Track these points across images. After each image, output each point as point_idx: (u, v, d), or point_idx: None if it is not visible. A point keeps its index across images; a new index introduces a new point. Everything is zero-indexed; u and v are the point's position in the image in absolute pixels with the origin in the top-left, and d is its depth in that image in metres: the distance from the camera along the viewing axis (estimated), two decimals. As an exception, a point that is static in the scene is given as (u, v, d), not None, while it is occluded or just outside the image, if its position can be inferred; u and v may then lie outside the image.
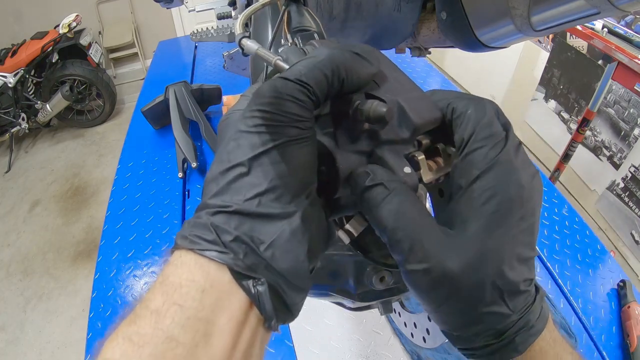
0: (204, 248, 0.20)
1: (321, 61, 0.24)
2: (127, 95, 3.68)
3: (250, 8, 0.39)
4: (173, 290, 0.19)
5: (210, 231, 0.21)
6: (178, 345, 0.18)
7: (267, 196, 0.21)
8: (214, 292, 0.20)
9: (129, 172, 1.18)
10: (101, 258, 0.93)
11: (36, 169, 3.01)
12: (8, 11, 3.23)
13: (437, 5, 0.58)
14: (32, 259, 2.32)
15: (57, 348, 1.88)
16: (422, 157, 0.27)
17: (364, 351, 0.73)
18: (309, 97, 0.23)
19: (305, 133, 0.22)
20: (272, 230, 0.21)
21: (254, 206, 0.21)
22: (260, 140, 0.21)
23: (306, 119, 0.23)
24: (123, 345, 0.18)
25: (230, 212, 0.21)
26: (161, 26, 3.69)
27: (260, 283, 0.21)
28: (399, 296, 0.36)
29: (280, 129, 0.22)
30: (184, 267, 0.20)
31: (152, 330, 0.18)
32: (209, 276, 0.20)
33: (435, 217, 0.27)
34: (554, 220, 0.97)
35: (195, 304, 0.19)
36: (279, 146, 0.21)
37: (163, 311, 0.19)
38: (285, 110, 0.22)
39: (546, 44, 2.33)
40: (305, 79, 0.23)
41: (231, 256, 0.20)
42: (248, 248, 0.21)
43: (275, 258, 0.21)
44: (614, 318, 0.78)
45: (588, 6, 0.37)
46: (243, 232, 0.21)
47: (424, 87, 1.45)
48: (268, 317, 0.21)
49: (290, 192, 0.22)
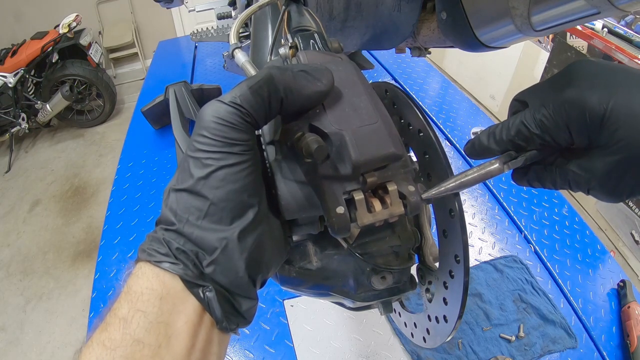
0: (159, 260, 0.23)
1: (258, 82, 0.24)
2: (127, 95, 3.68)
3: (244, 14, 0.39)
4: (136, 299, 0.22)
5: (163, 245, 0.23)
6: (144, 346, 0.21)
7: (208, 219, 0.23)
8: (170, 298, 0.22)
9: (129, 172, 1.18)
10: (101, 258, 0.93)
11: (36, 169, 3.01)
12: (8, 11, 3.24)
13: (437, 5, 0.57)
14: (32, 259, 2.32)
15: (57, 348, 1.88)
16: (360, 198, 0.25)
17: (364, 351, 0.73)
18: (244, 119, 0.23)
19: (241, 157, 0.23)
20: (211, 248, 0.23)
21: (195, 228, 0.23)
22: (201, 165, 0.23)
23: (242, 142, 0.23)
24: (97, 350, 0.21)
25: (178, 232, 0.23)
26: (161, 26, 3.69)
27: (209, 290, 0.23)
28: (399, 296, 0.36)
29: (213, 155, 0.23)
30: (144, 277, 0.23)
31: (121, 335, 0.21)
32: (165, 285, 0.22)
33: None
34: (554, 220, 0.97)
35: (155, 309, 0.22)
36: (214, 172, 0.23)
37: (129, 318, 0.21)
38: (220, 134, 0.23)
39: (546, 44, 2.33)
40: (239, 101, 0.23)
41: (181, 267, 0.23)
42: (195, 261, 0.23)
43: (216, 273, 0.23)
44: (614, 318, 0.78)
45: (588, 6, 0.37)
46: (188, 248, 0.23)
47: (423, 87, 1.44)
48: (219, 319, 0.23)
49: (229, 215, 0.23)
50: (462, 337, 0.74)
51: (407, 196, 0.26)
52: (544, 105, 0.28)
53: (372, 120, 0.26)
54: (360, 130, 0.25)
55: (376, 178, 0.26)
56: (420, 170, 0.37)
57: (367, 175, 0.25)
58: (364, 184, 0.26)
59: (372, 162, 0.25)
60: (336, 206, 0.25)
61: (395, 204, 0.26)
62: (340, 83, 0.28)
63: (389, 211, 0.26)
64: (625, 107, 0.25)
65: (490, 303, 0.79)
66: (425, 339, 0.42)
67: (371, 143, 0.25)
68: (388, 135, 0.26)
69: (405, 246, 0.34)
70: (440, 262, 0.37)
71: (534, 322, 0.75)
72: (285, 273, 0.35)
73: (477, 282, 0.82)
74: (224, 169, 0.23)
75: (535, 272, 0.85)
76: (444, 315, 0.37)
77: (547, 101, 0.28)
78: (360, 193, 0.25)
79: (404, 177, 0.27)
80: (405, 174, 0.27)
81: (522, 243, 0.92)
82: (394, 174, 0.26)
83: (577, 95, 0.26)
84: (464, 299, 0.33)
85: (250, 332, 0.76)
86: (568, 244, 0.92)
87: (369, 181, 0.25)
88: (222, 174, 0.23)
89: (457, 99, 1.43)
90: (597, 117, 0.25)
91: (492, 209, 1.00)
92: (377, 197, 0.26)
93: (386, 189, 0.26)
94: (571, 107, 0.26)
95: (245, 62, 0.32)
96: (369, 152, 0.25)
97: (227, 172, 0.23)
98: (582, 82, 0.27)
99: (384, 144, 0.25)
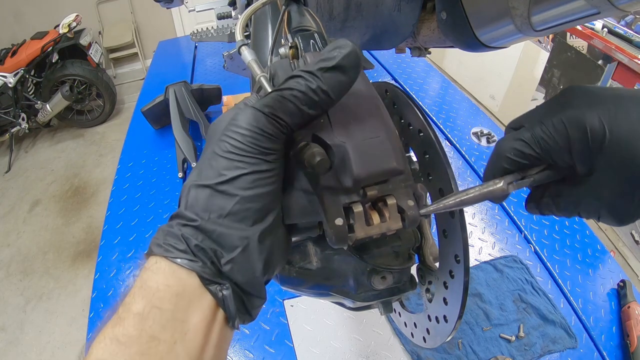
0: (176, 256, 0.23)
1: (293, 93, 0.24)
2: (127, 95, 3.68)
3: (249, 10, 0.39)
4: (152, 295, 0.22)
5: (181, 241, 0.23)
6: (160, 343, 0.21)
7: (230, 218, 0.23)
8: (187, 295, 0.23)
9: (129, 172, 1.18)
10: (101, 258, 0.93)
11: (36, 169, 3.01)
12: (8, 11, 3.23)
13: (437, 5, 0.57)
14: (32, 259, 2.32)
15: (57, 348, 1.88)
16: (359, 210, 0.25)
17: (364, 351, 0.73)
18: (280, 130, 0.24)
19: (272, 165, 0.24)
20: (231, 247, 0.23)
21: (218, 225, 0.23)
22: (232, 167, 0.23)
23: (274, 152, 0.24)
24: (111, 346, 0.21)
25: (198, 228, 0.23)
26: (161, 26, 3.69)
27: (225, 288, 0.23)
28: (399, 296, 0.36)
29: (247, 159, 0.23)
30: (160, 273, 0.23)
31: (137, 331, 0.21)
32: (181, 281, 0.23)
33: None
34: (554, 220, 0.97)
35: (171, 306, 0.22)
36: (245, 175, 0.23)
37: (145, 314, 0.21)
38: (256, 143, 0.23)
39: (546, 44, 2.33)
40: (280, 115, 0.23)
41: (199, 264, 0.23)
42: (213, 258, 0.23)
43: (233, 272, 0.24)
44: (614, 318, 0.78)
45: (588, 6, 0.37)
46: (207, 245, 0.23)
47: (423, 87, 1.44)
48: (232, 317, 0.24)
49: (252, 216, 0.24)
50: (462, 337, 0.74)
51: (406, 210, 0.26)
52: (544, 123, 0.27)
53: (376, 134, 0.26)
54: (364, 143, 0.25)
55: (376, 192, 0.26)
56: (420, 170, 0.37)
57: (368, 188, 0.26)
58: (364, 197, 0.26)
59: (374, 177, 0.25)
60: (335, 217, 0.25)
61: (394, 218, 0.26)
62: None
63: (387, 225, 0.26)
64: (626, 125, 0.24)
65: (490, 303, 0.79)
66: (425, 339, 0.42)
67: (374, 157, 0.25)
68: (391, 150, 0.26)
69: (405, 246, 0.34)
70: (440, 262, 0.37)
71: (534, 322, 0.75)
72: (285, 273, 0.35)
73: (477, 282, 0.82)
74: (255, 173, 0.23)
75: (535, 272, 0.85)
76: (444, 315, 0.37)
77: (547, 120, 0.27)
78: (359, 206, 0.26)
79: (404, 192, 0.27)
80: (406, 188, 0.27)
81: (522, 243, 0.92)
82: (395, 188, 0.26)
83: (577, 114, 0.26)
84: (464, 299, 0.33)
85: (250, 332, 0.76)
86: (568, 244, 0.92)
87: (369, 194, 0.26)
88: (252, 178, 0.23)
89: (457, 99, 1.43)
90: (599, 136, 0.25)
91: (492, 209, 1.00)
92: (376, 210, 0.27)
93: (386, 202, 0.26)
94: (571, 125, 0.26)
95: (252, 60, 0.32)
96: (370, 167, 0.25)
97: (258, 177, 0.23)
98: (581, 102, 0.27)
99: (386, 158, 0.25)
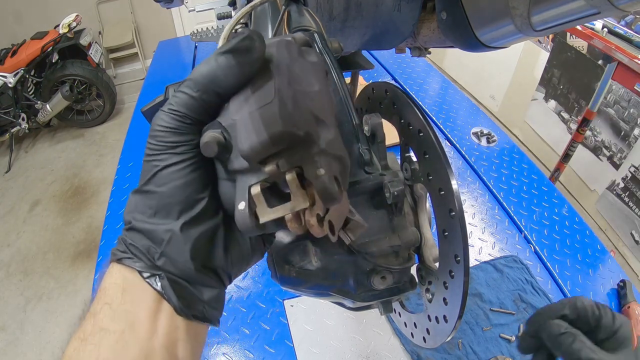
0: (119, 257, 0.26)
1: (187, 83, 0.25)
2: (127, 95, 3.68)
3: (236, 17, 0.38)
4: (104, 294, 0.25)
5: (121, 243, 0.26)
6: (109, 333, 0.24)
7: (159, 215, 0.25)
8: (131, 290, 0.25)
9: (129, 172, 1.18)
10: (101, 258, 0.93)
11: (36, 169, 3.01)
12: (8, 11, 3.23)
13: (437, 5, 0.58)
14: (32, 259, 2.32)
15: (57, 348, 1.88)
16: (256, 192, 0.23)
17: (364, 351, 0.73)
18: (183, 122, 0.25)
19: (183, 156, 0.25)
20: (160, 241, 0.26)
21: (147, 224, 0.26)
22: (149, 167, 0.26)
23: (185, 143, 0.25)
24: (74, 343, 0.24)
25: (133, 229, 0.26)
26: (161, 26, 3.69)
27: (161, 278, 0.25)
28: (399, 296, 0.36)
29: (159, 157, 0.25)
30: (111, 274, 0.26)
31: (91, 327, 0.24)
32: (126, 279, 0.25)
33: None
34: (554, 220, 0.97)
35: (118, 300, 0.25)
36: (160, 171, 0.25)
37: (97, 311, 0.25)
38: (163, 140, 0.25)
39: (546, 44, 2.33)
40: (176, 107, 0.25)
41: (137, 262, 0.26)
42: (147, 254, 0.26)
43: (167, 264, 0.26)
44: (614, 318, 0.78)
45: (588, 6, 0.37)
46: (142, 244, 0.26)
47: (423, 87, 1.44)
48: (176, 306, 0.25)
49: (176, 209, 0.25)
50: (462, 337, 0.74)
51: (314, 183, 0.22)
52: None
53: (267, 100, 0.22)
54: (252, 114, 0.22)
55: (275, 167, 0.22)
56: (420, 170, 0.37)
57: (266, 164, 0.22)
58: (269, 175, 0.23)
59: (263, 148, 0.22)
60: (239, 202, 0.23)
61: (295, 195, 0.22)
62: None
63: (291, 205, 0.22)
64: None
65: (491, 303, 0.79)
66: (425, 339, 0.42)
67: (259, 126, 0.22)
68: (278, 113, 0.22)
69: (405, 246, 0.34)
70: (440, 262, 0.37)
71: (534, 322, 0.75)
72: (285, 273, 0.35)
73: (477, 282, 0.82)
74: (167, 167, 0.25)
75: (535, 272, 0.85)
76: (444, 315, 0.37)
77: None
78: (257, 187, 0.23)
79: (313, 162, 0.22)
80: (320, 155, 0.23)
81: (522, 243, 0.92)
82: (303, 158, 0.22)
83: None
84: (464, 299, 0.33)
85: (250, 332, 0.77)
86: (568, 244, 0.92)
87: (267, 170, 0.22)
88: (166, 173, 0.25)
89: (457, 99, 1.44)
90: None
91: (492, 209, 1.00)
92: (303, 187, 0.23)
93: None
94: None
95: None
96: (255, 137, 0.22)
97: (171, 170, 0.25)
98: None
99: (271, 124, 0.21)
